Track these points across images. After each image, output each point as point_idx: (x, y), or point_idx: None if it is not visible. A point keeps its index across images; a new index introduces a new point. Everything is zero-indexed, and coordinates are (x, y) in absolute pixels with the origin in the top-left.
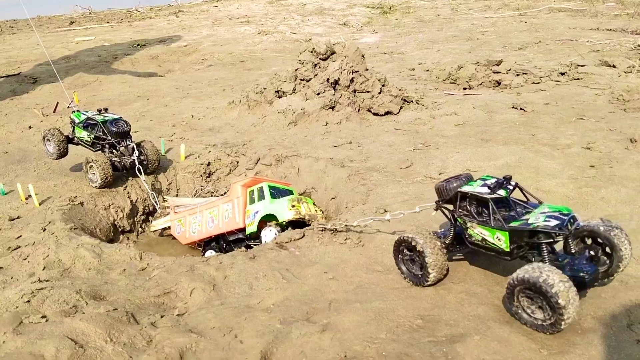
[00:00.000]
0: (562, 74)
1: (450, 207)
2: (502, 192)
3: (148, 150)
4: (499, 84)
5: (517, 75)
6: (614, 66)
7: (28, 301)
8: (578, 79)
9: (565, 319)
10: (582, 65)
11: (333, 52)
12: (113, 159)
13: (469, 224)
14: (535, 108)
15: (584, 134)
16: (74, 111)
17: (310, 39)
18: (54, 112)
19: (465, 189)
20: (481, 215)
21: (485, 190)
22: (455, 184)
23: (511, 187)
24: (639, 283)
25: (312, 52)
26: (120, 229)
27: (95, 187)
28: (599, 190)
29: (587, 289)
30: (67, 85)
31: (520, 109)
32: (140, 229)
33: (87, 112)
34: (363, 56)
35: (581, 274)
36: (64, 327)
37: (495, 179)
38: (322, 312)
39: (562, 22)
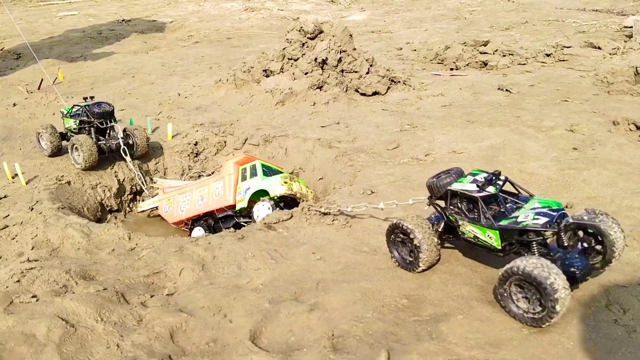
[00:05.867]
0: (548, 55)
1: (442, 203)
2: (491, 189)
3: (137, 135)
4: (486, 64)
5: (504, 56)
6: (599, 48)
7: (18, 281)
8: (563, 60)
9: (552, 321)
10: (567, 47)
11: (321, 32)
12: (99, 142)
13: (460, 222)
14: (520, 90)
15: (568, 116)
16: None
17: (298, 18)
18: (39, 89)
19: (455, 187)
20: (472, 212)
21: (474, 187)
22: (445, 181)
23: (500, 183)
24: (618, 265)
25: (299, 31)
26: (107, 208)
27: (79, 168)
28: (581, 173)
29: (578, 283)
30: (50, 62)
31: (506, 90)
32: (127, 209)
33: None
34: (351, 36)
35: (572, 269)
36: (54, 307)
37: (484, 174)
38: (310, 292)
39: (550, 2)
